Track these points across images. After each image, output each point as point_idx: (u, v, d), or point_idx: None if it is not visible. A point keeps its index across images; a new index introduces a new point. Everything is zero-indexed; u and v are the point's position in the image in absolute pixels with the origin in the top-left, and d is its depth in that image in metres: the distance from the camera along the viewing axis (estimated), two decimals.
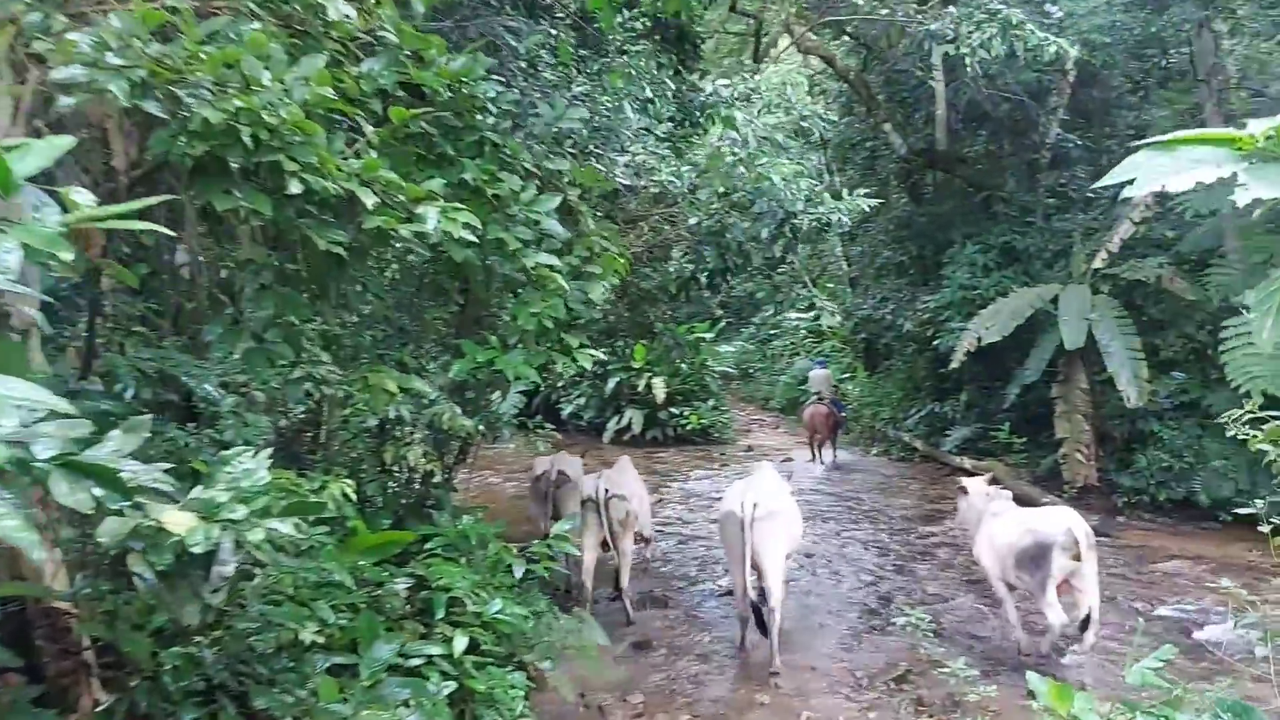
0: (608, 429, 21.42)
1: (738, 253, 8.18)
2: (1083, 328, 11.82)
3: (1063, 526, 6.93)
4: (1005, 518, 7.54)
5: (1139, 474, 12.18)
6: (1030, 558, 6.97)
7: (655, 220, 7.86)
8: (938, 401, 16.99)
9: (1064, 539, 6.87)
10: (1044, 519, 7.22)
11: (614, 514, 8.06)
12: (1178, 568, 10.00)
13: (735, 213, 7.88)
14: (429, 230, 3.24)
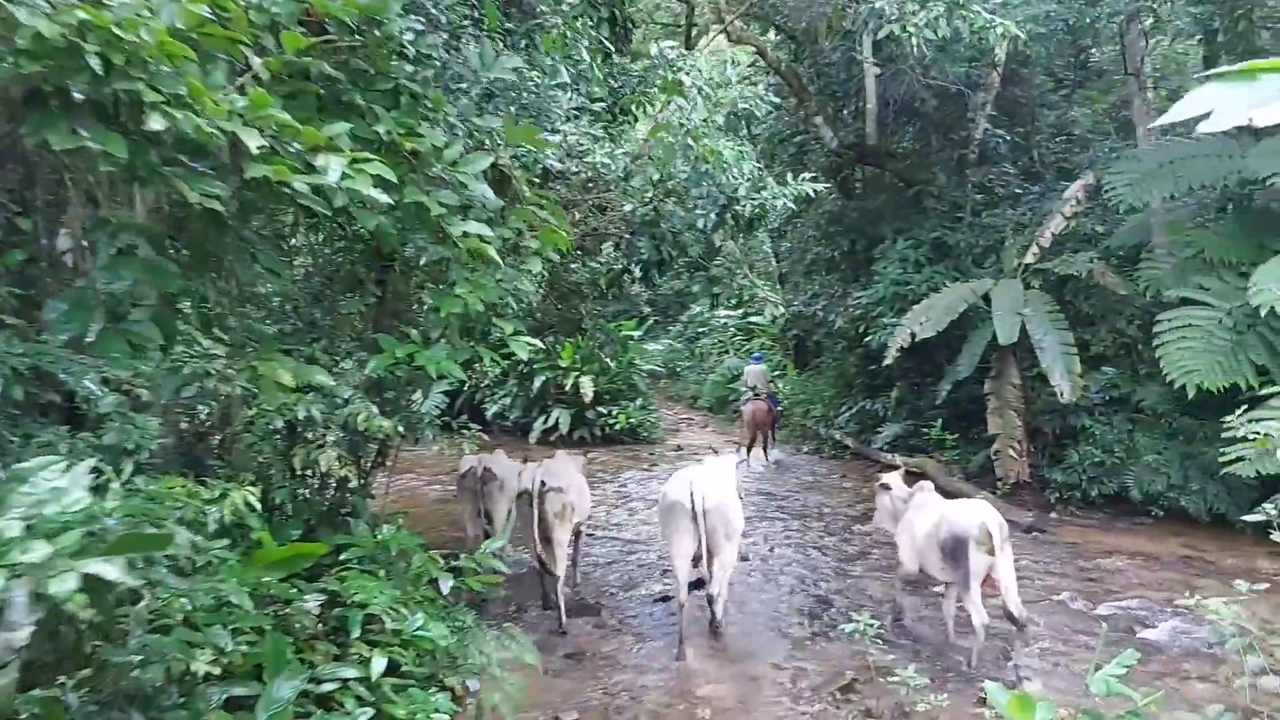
0: (534, 429, 20.89)
1: (673, 244, 7.76)
2: (1016, 323, 11.70)
3: (976, 520, 6.77)
4: (924, 511, 7.43)
5: (1071, 470, 12.11)
6: (949, 553, 6.85)
7: (587, 208, 7.39)
8: (869, 399, 16.85)
9: (978, 533, 6.71)
10: (958, 513, 7.03)
11: (550, 506, 7.91)
12: (1116, 564, 9.89)
13: (672, 200, 7.46)
14: (330, 183, 2.69)
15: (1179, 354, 9.84)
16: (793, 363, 21.36)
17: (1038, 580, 9.40)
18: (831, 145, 15.53)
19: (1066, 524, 11.65)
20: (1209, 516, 10.91)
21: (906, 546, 7.49)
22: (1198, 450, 11.11)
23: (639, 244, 7.70)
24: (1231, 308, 9.91)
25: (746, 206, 7.23)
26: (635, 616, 8.67)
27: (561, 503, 7.98)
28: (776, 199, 7.42)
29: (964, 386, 13.87)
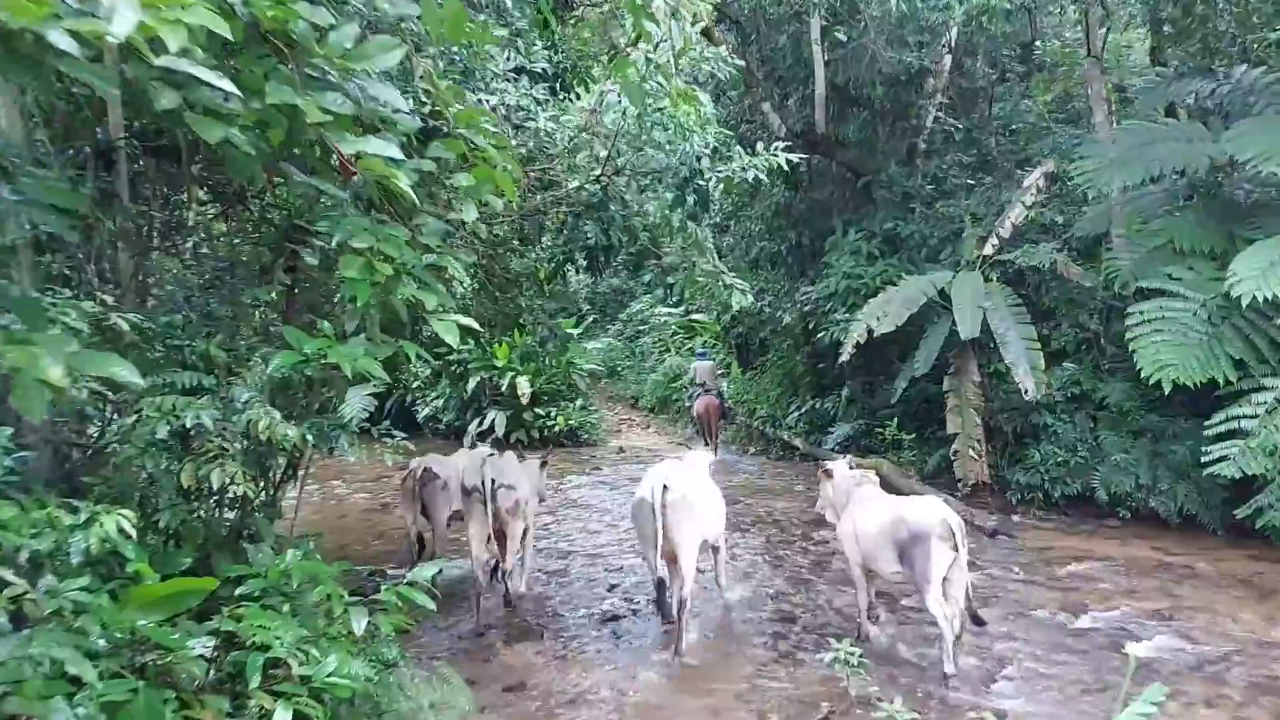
0: (469, 432, 19.95)
1: (623, 228, 6.96)
2: (977, 317, 11.15)
3: (938, 517, 6.54)
4: (872, 505, 7.15)
5: (1033, 470, 11.62)
6: (907, 551, 6.59)
7: (528, 185, 6.55)
8: (818, 398, 16.27)
9: (941, 530, 6.47)
10: (917, 510, 6.75)
11: (502, 503, 7.81)
12: (1088, 570, 9.34)
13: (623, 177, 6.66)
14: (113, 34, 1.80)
15: (1153, 347, 9.35)
16: (737, 361, 20.72)
17: (1011, 590, 8.82)
18: (779, 133, 14.85)
19: (1030, 527, 11.14)
20: (1179, 518, 10.46)
21: (849, 538, 7.23)
22: (1166, 449, 10.67)
23: (584, 228, 6.89)
24: (1205, 299, 9.45)
25: (711, 179, 6.47)
26: (580, 640, 7.85)
27: (514, 498, 7.89)
28: (746, 170, 6.65)
29: (917, 384, 13.35)
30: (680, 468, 7.88)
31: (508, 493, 7.87)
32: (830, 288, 13.76)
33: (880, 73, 14.52)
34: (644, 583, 9.33)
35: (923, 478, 13.03)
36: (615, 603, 8.79)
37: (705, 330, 23.10)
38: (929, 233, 13.67)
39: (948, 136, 14.90)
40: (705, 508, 7.54)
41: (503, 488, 7.85)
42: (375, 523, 13.08)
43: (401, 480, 8.90)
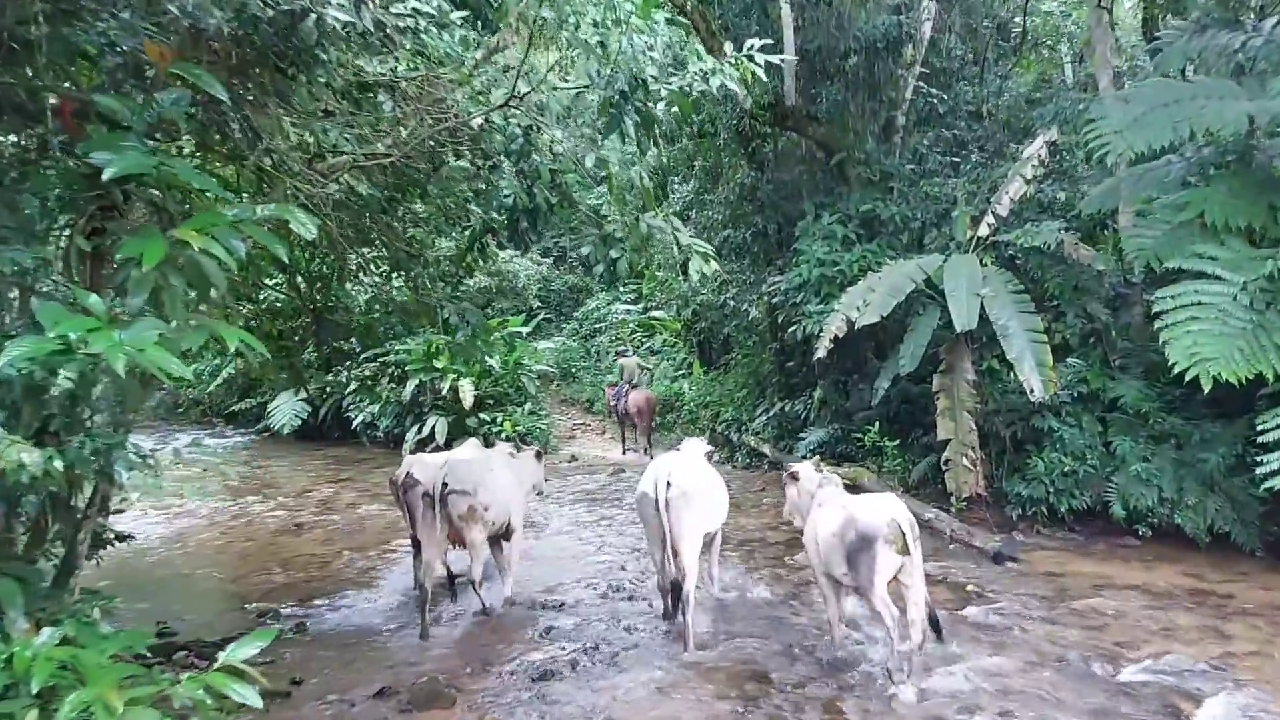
0: (406, 440, 18.22)
1: (550, 183, 5.37)
2: (974, 305, 9.67)
3: (886, 517, 6.17)
4: (829, 507, 6.72)
5: (1035, 481, 10.15)
6: (856, 553, 6.21)
7: (426, 128, 4.92)
8: (788, 400, 14.76)
9: (888, 531, 6.10)
10: (866, 510, 6.37)
11: (453, 510, 7.61)
12: (1115, 603, 7.87)
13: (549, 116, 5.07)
14: None
15: (1187, 338, 7.89)
16: (699, 360, 19.17)
17: (1029, 629, 7.31)
18: (744, 104, 13.34)
19: (1035, 548, 9.67)
20: (1209, 536, 9.03)
21: (810, 543, 6.79)
22: (1193, 456, 9.24)
23: (500, 184, 5.29)
24: (1246, 281, 8.02)
25: (660, 91, 4.89)
26: (501, 707, 6.22)
27: (466, 504, 7.63)
28: (709, 78, 5.06)
29: (898, 384, 11.89)
30: (680, 459, 7.67)
31: (459, 499, 7.59)
32: (801, 276, 12.24)
33: (855, 39, 13.06)
34: (587, 625, 7.74)
35: (907, 489, 11.55)
36: (550, 653, 7.17)
37: (665, 328, 21.57)
38: (911, 214, 12.21)
39: (930, 110, 13.45)
40: (707, 499, 7.36)
41: (453, 493, 7.58)
42: (282, 548, 11.36)
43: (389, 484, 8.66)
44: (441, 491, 7.57)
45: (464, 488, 7.65)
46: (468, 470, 7.86)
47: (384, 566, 10.16)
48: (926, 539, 10.07)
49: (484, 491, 7.78)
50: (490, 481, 7.93)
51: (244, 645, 3.69)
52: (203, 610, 8.96)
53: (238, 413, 24.29)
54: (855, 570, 6.21)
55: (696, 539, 7.10)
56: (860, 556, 6.14)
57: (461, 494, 7.62)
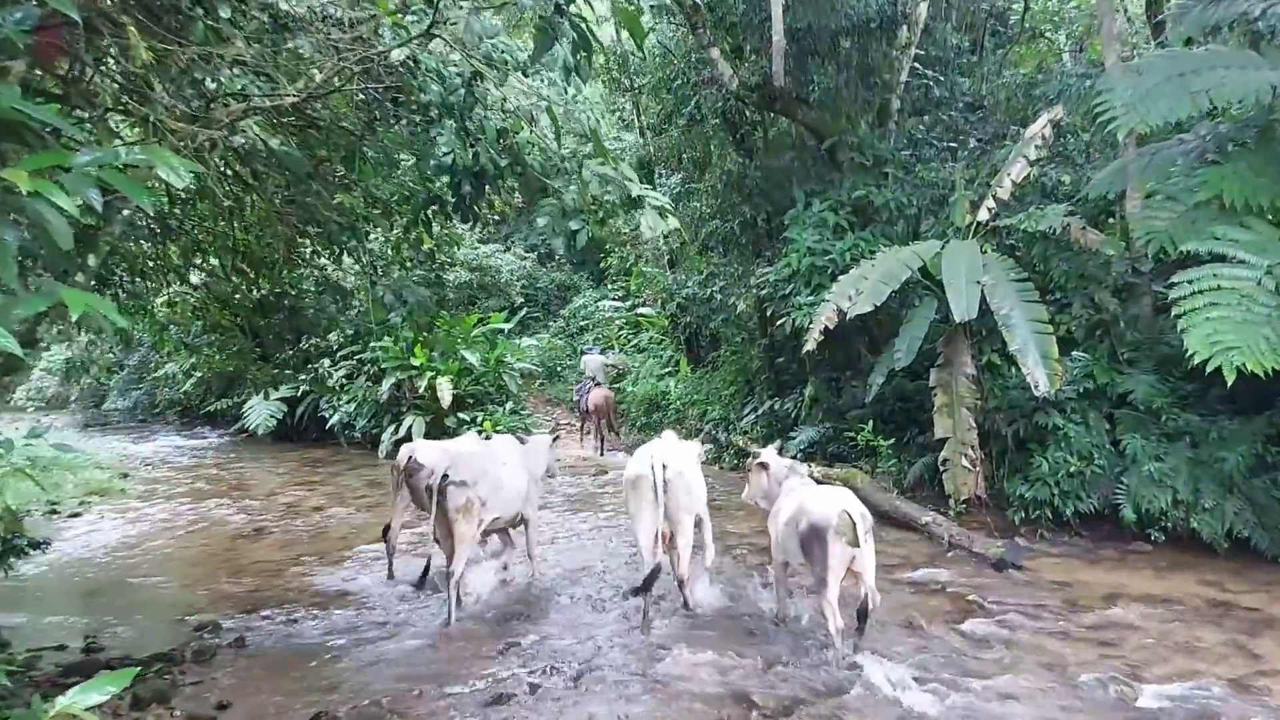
0: (384, 441, 17.54)
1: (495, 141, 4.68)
2: (974, 294, 9.00)
3: (836, 509, 6.07)
4: (789, 496, 6.75)
5: (1038, 482, 9.49)
6: (808, 544, 6.18)
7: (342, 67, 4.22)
8: (777, 398, 14.09)
9: (838, 524, 6.01)
10: (818, 502, 6.32)
11: (450, 501, 7.39)
12: (1129, 615, 7.21)
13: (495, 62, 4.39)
14: None
15: (1208, 325, 7.22)
16: (685, 358, 18.47)
17: (1039, 645, 6.64)
18: (731, 86, 12.66)
19: (1040, 554, 9.00)
20: (1228, 541, 8.38)
21: (774, 535, 6.80)
22: (1210, 455, 8.59)
23: (439, 139, 4.60)
24: (1271, 265, 7.36)
25: None
26: None
27: (465, 497, 7.42)
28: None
29: (893, 380, 11.24)
30: (667, 446, 7.61)
31: (457, 490, 7.39)
32: (791, 265, 11.57)
33: (847, 17, 12.41)
34: (551, 640, 7.06)
35: (903, 491, 10.90)
36: (510, 671, 6.48)
37: (652, 325, 20.87)
38: (906, 201, 11.54)
39: (926, 93, 12.80)
40: (695, 482, 7.34)
41: (453, 484, 7.38)
42: (237, 554, 10.66)
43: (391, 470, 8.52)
44: (440, 482, 7.37)
45: (464, 479, 7.45)
46: (470, 462, 7.68)
47: (341, 575, 9.45)
48: (923, 544, 9.49)
49: (484, 485, 7.59)
50: (493, 475, 7.76)
51: (90, 689, 2.99)
52: (140, 622, 8.26)
53: (216, 413, 23.59)
54: (810, 561, 6.19)
55: (691, 522, 7.22)
56: (814, 548, 6.09)
57: (460, 486, 7.42)
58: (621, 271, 24.82)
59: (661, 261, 19.82)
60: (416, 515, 8.86)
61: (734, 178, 13.87)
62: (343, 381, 18.91)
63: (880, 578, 8.45)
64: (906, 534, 9.84)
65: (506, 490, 7.91)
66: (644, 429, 17.05)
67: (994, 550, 8.69)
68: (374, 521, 12.01)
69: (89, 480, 15.77)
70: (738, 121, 14.34)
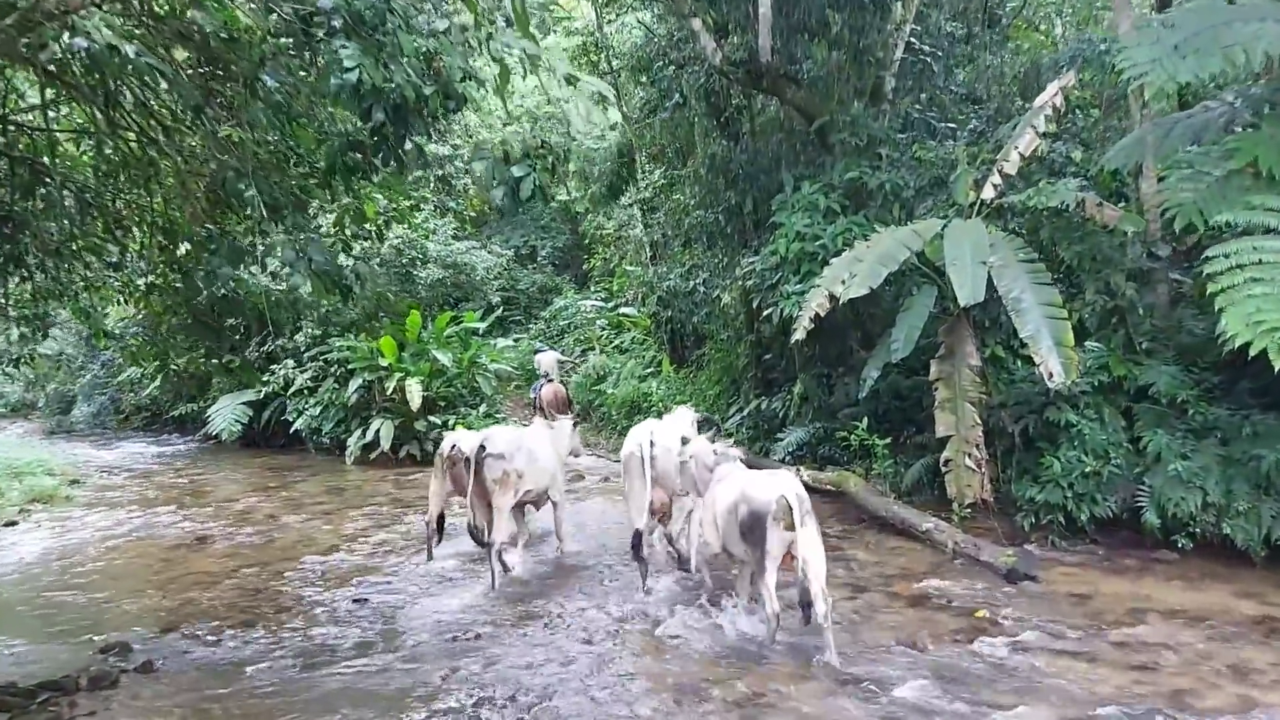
0: (350, 446, 16.61)
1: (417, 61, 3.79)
2: (980, 276, 8.13)
3: (775, 494, 5.99)
4: (725, 484, 6.60)
5: (1050, 484, 8.59)
6: (748, 530, 6.10)
7: None
8: (765, 397, 13.19)
9: (776, 509, 5.93)
10: (757, 487, 6.21)
11: (489, 473, 7.73)
12: (1164, 634, 6.33)
13: None
14: None
15: (1249, 303, 6.37)
16: (668, 357, 17.57)
17: (1064, 671, 5.75)
18: (714, 61, 11.81)
19: (1054, 563, 8.11)
20: (1266, 548, 7.50)
21: (709, 521, 6.70)
22: (1245, 454, 7.71)
23: (342, 54, 3.70)
24: None
25: None
26: None
27: (501, 469, 7.76)
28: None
29: (888, 375, 10.36)
30: (664, 424, 7.92)
31: (495, 462, 7.71)
32: (779, 252, 10.70)
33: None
34: (498, 664, 6.16)
35: (900, 495, 10.01)
36: (446, 703, 5.58)
37: (635, 325, 19.96)
38: (902, 183, 10.67)
39: (923, 70, 11.97)
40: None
41: (489, 457, 7.70)
42: (171, 566, 9.73)
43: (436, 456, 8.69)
44: (478, 455, 7.68)
45: (500, 452, 7.78)
46: (505, 436, 8.12)
47: (280, 589, 8.53)
48: (925, 553, 8.60)
49: (520, 458, 7.94)
50: (527, 449, 8.13)
51: None
52: (42, 643, 7.34)
53: (185, 418, 22.55)
54: (749, 547, 6.10)
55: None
56: (753, 533, 6.03)
57: (498, 458, 7.73)
58: (605, 273, 23.97)
59: (644, 257, 18.94)
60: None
61: (719, 163, 12.98)
62: (308, 384, 17.93)
63: (878, 590, 7.62)
64: (905, 542, 8.95)
65: (540, 463, 8.28)
66: (625, 432, 16.11)
67: (1004, 559, 7.80)
68: (327, 530, 11.13)
69: (34, 487, 14.84)
70: (722, 105, 13.48)
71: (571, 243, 27.65)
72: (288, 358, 18.38)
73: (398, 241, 17.97)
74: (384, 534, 10.60)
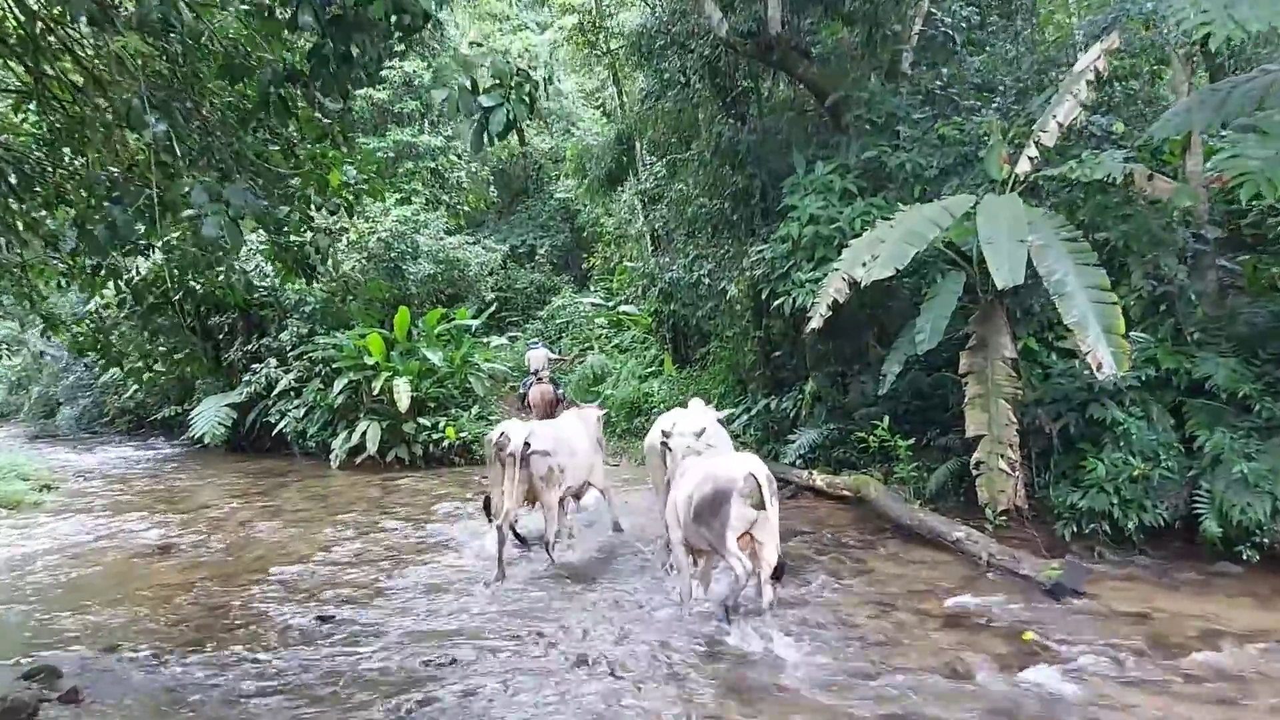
0: (335, 449, 15.77)
1: None
2: (1020, 256, 7.28)
3: (743, 471, 5.96)
4: (694, 468, 6.52)
5: (1092, 489, 7.74)
6: (709, 506, 6.01)
7: None
8: (774, 396, 12.33)
9: (744, 485, 5.89)
10: (724, 465, 6.24)
11: (534, 469, 7.77)
12: (1244, 659, 5.48)
13: None
14: None
15: None
16: (670, 357, 16.72)
17: (1140, 708, 4.89)
18: (720, 32, 10.98)
19: (1103, 577, 7.23)
20: None
21: (671, 513, 6.63)
22: None
23: None
24: None
25: None
26: None
27: (547, 465, 7.85)
28: None
29: (907, 373, 9.54)
30: (686, 414, 7.86)
31: (540, 459, 7.78)
32: (793, 234, 9.86)
33: None
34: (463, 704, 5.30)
35: (924, 501, 9.13)
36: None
37: (635, 324, 19.13)
38: (924, 162, 9.82)
39: (946, 43, 11.13)
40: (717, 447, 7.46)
41: (535, 454, 7.76)
42: (127, 578, 8.90)
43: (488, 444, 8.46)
44: (523, 451, 7.68)
45: (546, 448, 7.83)
46: (547, 432, 8.15)
47: (239, 604, 7.69)
48: (955, 565, 7.74)
49: (563, 454, 8.03)
50: (568, 444, 8.22)
51: None
52: None
53: (170, 421, 21.67)
54: (708, 524, 6.03)
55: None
56: (714, 509, 5.98)
57: (543, 455, 7.79)
58: (606, 272, 23.17)
59: (644, 249, 18.10)
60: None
61: (725, 145, 12.13)
62: (293, 384, 17.07)
63: (907, 609, 6.76)
64: (932, 552, 8.10)
65: (579, 457, 8.37)
66: (625, 435, 15.28)
67: (1048, 572, 6.94)
68: (300, 538, 10.31)
69: (2, 493, 14.04)
70: (728, 85, 12.65)
71: (571, 242, 26.85)
72: (271, 356, 17.52)
73: (386, 235, 17.13)
74: (361, 543, 9.78)
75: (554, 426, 8.59)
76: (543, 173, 28.69)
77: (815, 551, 8.37)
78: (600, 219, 22.71)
